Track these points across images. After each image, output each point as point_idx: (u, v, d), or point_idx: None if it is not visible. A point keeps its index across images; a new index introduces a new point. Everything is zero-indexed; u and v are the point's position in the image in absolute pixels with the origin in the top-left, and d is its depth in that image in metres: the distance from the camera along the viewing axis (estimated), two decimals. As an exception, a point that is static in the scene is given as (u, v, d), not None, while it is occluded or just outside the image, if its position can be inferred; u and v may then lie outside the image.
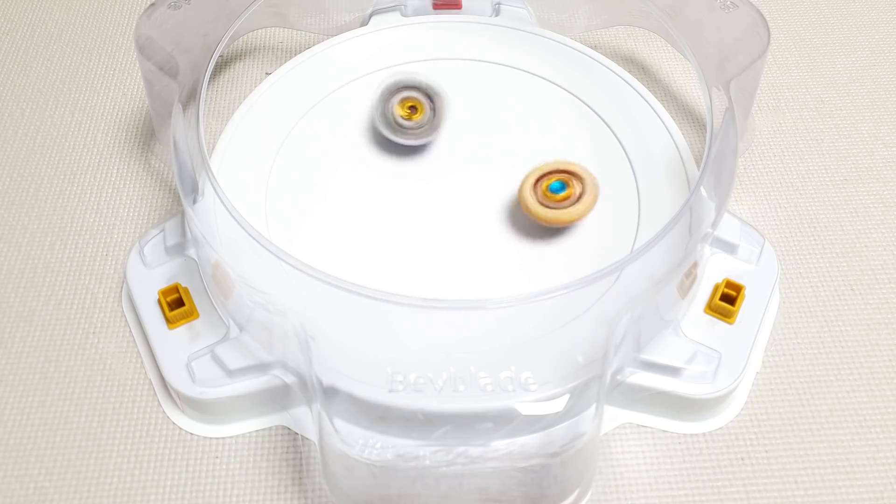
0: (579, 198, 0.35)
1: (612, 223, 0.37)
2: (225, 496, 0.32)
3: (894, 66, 0.46)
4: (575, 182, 0.36)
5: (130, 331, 0.36)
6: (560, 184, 0.36)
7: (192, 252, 0.36)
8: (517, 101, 0.42)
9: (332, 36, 0.45)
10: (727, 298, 0.35)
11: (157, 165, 0.42)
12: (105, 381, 0.35)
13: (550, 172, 0.36)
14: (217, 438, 0.33)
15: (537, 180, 0.36)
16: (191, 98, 0.37)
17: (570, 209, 0.35)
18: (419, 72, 0.38)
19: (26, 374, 0.35)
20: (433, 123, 0.38)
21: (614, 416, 0.34)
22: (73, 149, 0.43)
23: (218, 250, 0.33)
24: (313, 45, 0.44)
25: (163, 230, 0.37)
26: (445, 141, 0.40)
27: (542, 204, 0.35)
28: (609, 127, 0.40)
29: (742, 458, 0.33)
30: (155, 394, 0.34)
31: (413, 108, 0.38)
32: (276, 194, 0.38)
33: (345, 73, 0.43)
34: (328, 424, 0.29)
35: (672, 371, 0.33)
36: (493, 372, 0.31)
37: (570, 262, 0.36)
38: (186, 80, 0.37)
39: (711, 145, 0.35)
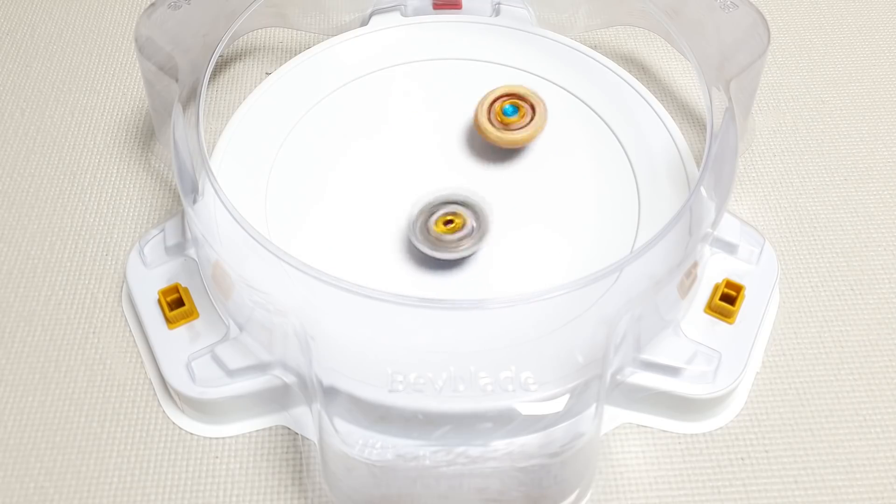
0: (530, 121, 0.38)
1: (612, 223, 0.37)
2: (225, 496, 0.32)
3: (894, 66, 0.46)
4: (526, 107, 0.38)
5: (130, 331, 0.36)
6: (512, 108, 0.38)
7: (192, 252, 0.36)
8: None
9: (332, 36, 0.45)
10: (727, 298, 0.35)
11: (157, 165, 0.42)
12: (105, 381, 0.35)
13: (504, 96, 0.38)
14: (217, 438, 0.33)
15: (492, 102, 0.38)
16: (191, 98, 0.37)
17: (520, 131, 0.38)
18: (462, 187, 0.36)
19: (26, 374, 0.35)
20: (475, 236, 0.35)
21: (614, 416, 0.34)
22: (73, 149, 0.43)
23: (218, 250, 0.33)
24: (313, 45, 0.44)
25: (163, 230, 0.37)
26: (445, 142, 0.40)
27: (494, 125, 0.37)
28: (609, 127, 0.40)
29: (742, 458, 0.33)
30: (155, 394, 0.34)
31: (450, 222, 0.35)
32: (276, 194, 0.38)
33: (345, 73, 0.43)
34: (328, 424, 0.29)
35: (672, 371, 0.33)
36: (493, 372, 0.31)
37: (570, 262, 0.36)
38: (186, 80, 0.37)
39: (711, 145, 0.35)
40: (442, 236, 0.35)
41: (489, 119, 0.37)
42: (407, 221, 0.36)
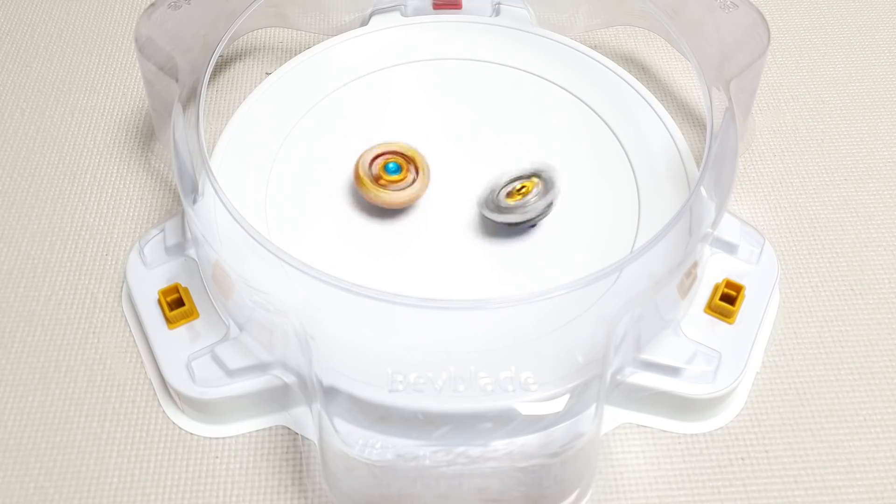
0: (413, 182, 0.36)
1: (612, 223, 0.37)
2: (225, 496, 0.32)
3: (894, 66, 0.46)
4: (410, 166, 0.37)
5: (130, 331, 0.36)
6: (396, 165, 0.36)
7: (192, 252, 0.36)
8: (517, 101, 0.42)
9: (332, 36, 0.45)
10: (727, 298, 0.35)
11: (157, 165, 0.42)
12: (105, 381, 0.35)
13: (387, 153, 0.37)
14: (217, 438, 0.33)
15: (374, 158, 0.37)
16: (191, 98, 0.37)
17: (402, 192, 0.36)
18: (534, 162, 0.37)
19: (26, 374, 0.35)
20: (542, 200, 0.36)
21: (614, 416, 0.34)
22: (73, 149, 0.43)
23: (218, 250, 0.33)
24: (313, 45, 0.44)
25: (163, 230, 0.37)
26: (446, 141, 0.40)
27: (376, 183, 0.36)
28: (609, 127, 0.40)
29: (742, 458, 0.33)
30: (155, 394, 0.34)
31: (520, 189, 0.36)
32: (276, 194, 0.38)
33: (345, 73, 0.43)
34: (328, 424, 0.29)
35: (672, 371, 0.33)
36: (493, 372, 0.31)
37: (570, 262, 0.36)
38: (186, 80, 0.37)
39: (711, 145, 0.35)
40: (512, 203, 0.35)
41: (371, 176, 0.36)
42: (479, 198, 0.36)
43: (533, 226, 0.36)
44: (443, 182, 0.38)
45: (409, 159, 0.37)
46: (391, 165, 0.36)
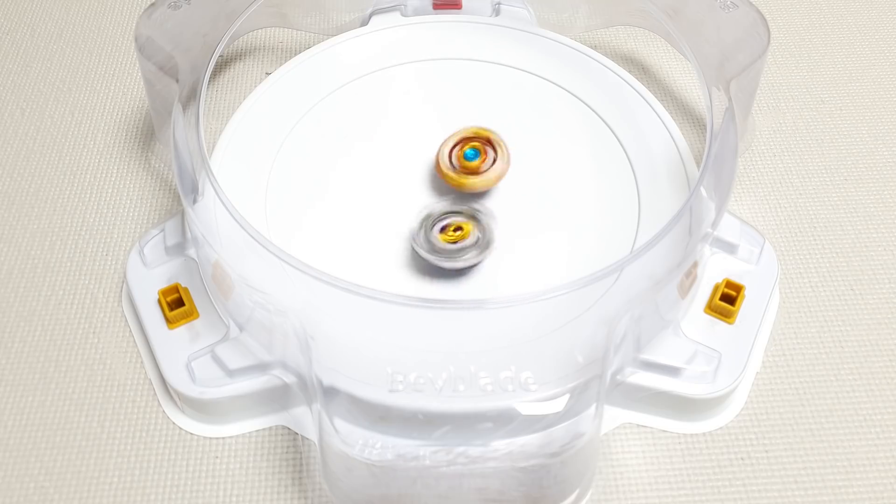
0: (493, 165, 0.37)
1: (612, 223, 0.37)
2: (225, 496, 0.32)
3: (894, 66, 0.46)
4: (489, 150, 0.37)
5: (130, 331, 0.36)
6: (474, 151, 0.37)
7: (192, 252, 0.36)
8: (517, 101, 0.42)
9: (332, 36, 0.45)
10: (727, 298, 0.35)
11: (157, 165, 0.42)
12: (105, 381, 0.35)
13: (466, 139, 0.38)
14: (217, 438, 0.33)
15: (453, 146, 0.37)
16: (191, 98, 0.37)
17: (481, 176, 0.37)
18: (464, 204, 0.36)
19: (26, 374, 0.35)
20: (480, 244, 0.35)
21: (614, 416, 0.34)
22: (73, 149, 0.43)
23: (218, 250, 0.33)
24: (313, 45, 0.44)
25: (163, 230, 0.37)
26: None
27: (456, 170, 0.37)
28: (609, 127, 0.40)
29: (742, 458, 0.33)
30: (155, 394, 0.34)
31: (458, 230, 0.35)
32: (276, 194, 0.38)
33: (345, 73, 0.43)
34: (328, 424, 0.30)
35: (672, 371, 0.33)
36: (493, 372, 0.31)
37: (570, 262, 0.36)
38: (186, 80, 0.37)
39: (711, 145, 0.35)
40: (445, 245, 0.35)
41: (451, 164, 0.37)
42: (409, 229, 0.36)
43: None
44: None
45: (486, 141, 0.38)
46: (469, 152, 0.37)
